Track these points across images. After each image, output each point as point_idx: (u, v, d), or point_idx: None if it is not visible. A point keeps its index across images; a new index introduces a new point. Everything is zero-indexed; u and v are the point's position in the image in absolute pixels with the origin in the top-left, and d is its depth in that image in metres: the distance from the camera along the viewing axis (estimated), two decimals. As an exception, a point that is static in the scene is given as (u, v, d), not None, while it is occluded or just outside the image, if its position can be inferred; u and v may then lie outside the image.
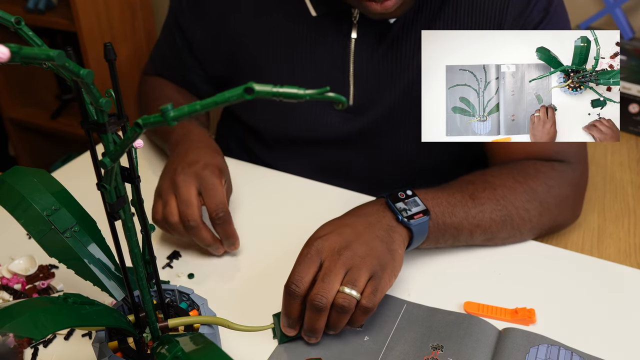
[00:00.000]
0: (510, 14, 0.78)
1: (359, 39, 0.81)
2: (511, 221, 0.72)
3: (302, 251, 0.62)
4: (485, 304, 0.66)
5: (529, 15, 0.78)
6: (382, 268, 0.61)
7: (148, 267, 0.49)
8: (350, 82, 0.84)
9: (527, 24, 0.78)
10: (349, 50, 0.82)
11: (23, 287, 0.68)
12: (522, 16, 0.78)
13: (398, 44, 0.81)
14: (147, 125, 0.32)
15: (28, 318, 0.38)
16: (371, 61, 0.82)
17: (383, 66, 0.82)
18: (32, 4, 1.71)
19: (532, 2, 0.77)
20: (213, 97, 0.31)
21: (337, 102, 0.33)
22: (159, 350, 0.42)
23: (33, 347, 0.61)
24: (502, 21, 0.78)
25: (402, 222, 0.65)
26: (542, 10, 0.78)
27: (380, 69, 0.83)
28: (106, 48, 0.41)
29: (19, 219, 0.50)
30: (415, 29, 0.80)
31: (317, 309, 0.57)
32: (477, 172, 0.77)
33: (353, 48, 0.82)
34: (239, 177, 0.90)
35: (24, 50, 0.30)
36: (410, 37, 0.81)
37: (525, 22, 0.78)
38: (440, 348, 0.60)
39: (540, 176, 0.75)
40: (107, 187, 0.41)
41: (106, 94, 0.41)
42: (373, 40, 0.81)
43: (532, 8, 0.77)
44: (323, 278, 0.58)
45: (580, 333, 0.63)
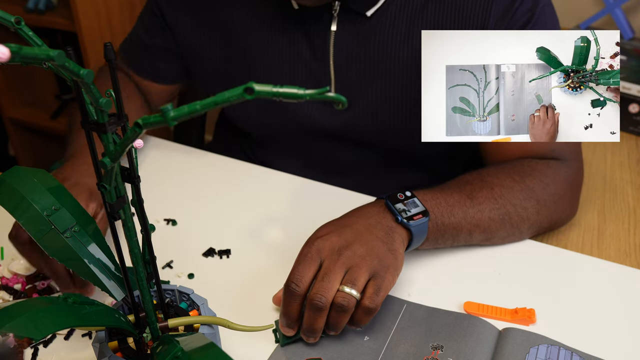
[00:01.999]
0: (493, 13, 0.77)
1: (338, 32, 0.82)
2: (509, 220, 0.73)
3: (302, 251, 0.62)
4: (485, 304, 0.66)
5: (513, 15, 0.77)
6: (384, 268, 0.61)
7: (148, 267, 0.49)
8: (331, 74, 0.84)
9: (511, 24, 0.77)
10: (328, 42, 0.82)
11: (23, 287, 0.69)
12: (506, 16, 0.77)
13: (378, 39, 0.81)
14: (147, 125, 0.32)
15: (28, 318, 0.38)
16: (350, 54, 0.83)
17: (363, 60, 0.83)
18: (32, 4, 1.71)
19: (517, 3, 0.76)
20: (213, 97, 0.31)
21: (337, 102, 0.33)
22: (159, 350, 0.42)
23: (33, 347, 0.61)
24: (486, 21, 0.77)
25: (402, 223, 0.66)
26: (527, 11, 0.77)
27: (359, 63, 0.83)
28: (106, 48, 0.41)
29: (19, 219, 0.50)
30: (397, 25, 0.80)
31: (317, 309, 0.57)
32: (474, 172, 0.77)
33: (333, 40, 0.82)
34: (239, 177, 0.90)
35: (24, 50, 0.30)
36: (392, 32, 0.81)
37: (509, 23, 0.77)
38: (440, 348, 0.60)
39: (536, 174, 0.76)
40: (107, 187, 0.41)
41: (106, 94, 0.41)
42: (352, 33, 0.82)
43: (516, 9, 0.77)
44: (323, 277, 0.58)
45: (580, 333, 0.63)
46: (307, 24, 0.83)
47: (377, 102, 0.84)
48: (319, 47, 0.83)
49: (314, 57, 0.84)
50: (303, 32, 0.84)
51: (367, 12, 0.80)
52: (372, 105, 0.85)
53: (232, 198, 0.85)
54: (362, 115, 0.86)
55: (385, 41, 0.81)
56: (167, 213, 0.81)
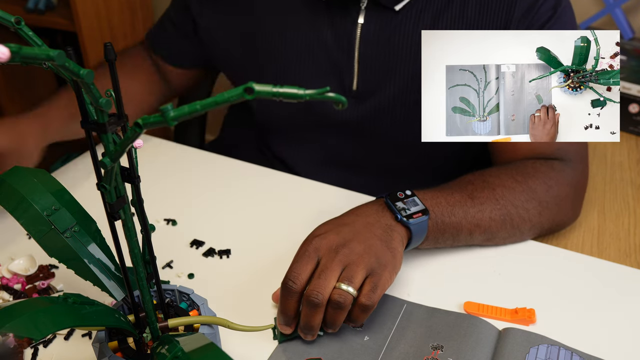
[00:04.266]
0: (518, 10, 0.78)
1: (365, 25, 0.83)
2: (511, 220, 0.72)
3: (300, 249, 0.62)
4: (485, 304, 0.66)
5: (536, 12, 0.78)
6: (381, 266, 0.61)
7: (148, 267, 0.49)
8: (355, 66, 0.85)
9: (534, 21, 0.78)
10: (355, 34, 0.83)
11: (23, 287, 0.68)
12: (530, 13, 0.78)
13: (403, 33, 0.82)
14: (147, 125, 0.32)
15: (28, 318, 0.38)
16: (376, 47, 0.83)
17: (387, 54, 0.83)
18: (32, 4, 1.70)
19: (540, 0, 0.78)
20: (213, 97, 0.31)
21: (336, 102, 0.33)
22: (159, 350, 0.42)
23: (33, 347, 0.61)
24: (510, 18, 0.78)
25: (401, 221, 0.66)
26: (550, 8, 0.78)
27: (384, 56, 0.84)
28: (106, 48, 0.41)
29: (19, 219, 0.50)
30: (423, 19, 0.81)
31: (313, 305, 0.58)
32: (476, 172, 0.77)
33: (359, 33, 0.83)
34: (239, 176, 0.90)
35: (24, 50, 0.30)
36: (417, 26, 0.82)
37: (532, 20, 0.78)
38: (440, 348, 0.60)
39: (539, 176, 0.76)
40: (107, 187, 0.41)
41: (106, 94, 0.41)
42: (379, 26, 0.83)
43: (540, 5, 0.78)
44: (319, 275, 0.59)
45: (580, 333, 0.63)
46: (334, 16, 0.84)
47: (397, 96, 0.85)
48: (344, 39, 0.84)
49: (339, 48, 0.85)
50: (329, 24, 0.85)
51: (396, 7, 0.81)
52: (392, 98, 0.86)
53: (232, 198, 0.85)
54: (382, 108, 0.87)
55: (411, 36, 0.82)
56: (167, 213, 0.81)
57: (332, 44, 0.85)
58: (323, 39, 0.85)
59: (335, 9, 0.84)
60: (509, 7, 0.78)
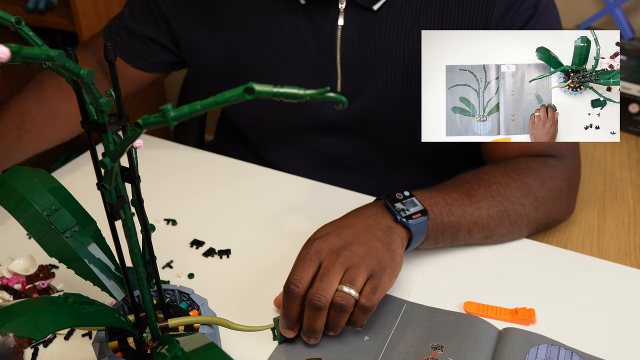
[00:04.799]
0: (497, 9, 0.78)
1: (345, 27, 0.82)
2: (508, 217, 0.73)
3: (301, 252, 0.62)
4: (485, 304, 0.66)
5: (516, 11, 0.78)
6: (382, 268, 0.61)
7: (148, 267, 0.49)
8: (337, 68, 0.84)
9: (514, 20, 0.78)
10: (335, 36, 0.83)
11: (23, 287, 0.68)
12: (510, 12, 0.78)
13: (383, 33, 0.82)
14: (148, 125, 0.32)
15: (28, 318, 0.38)
16: (357, 48, 0.83)
17: (369, 54, 0.83)
18: (32, 4, 1.70)
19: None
20: (213, 97, 0.31)
21: (337, 102, 0.33)
22: (159, 350, 0.42)
23: (33, 347, 0.61)
24: (489, 16, 0.78)
25: (401, 222, 0.66)
26: (530, 6, 0.78)
27: (365, 56, 0.83)
28: (106, 48, 0.41)
29: (19, 219, 0.50)
30: (402, 19, 0.81)
31: (316, 308, 0.58)
32: (471, 171, 0.78)
33: (340, 35, 0.82)
34: (239, 176, 0.90)
35: (24, 50, 0.30)
36: (398, 26, 0.81)
37: (512, 19, 0.78)
38: (440, 348, 0.60)
39: (533, 172, 0.76)
40: (107, 187, 0.41)
41: (106, 94, 0.41)
42: (359, 27, 0.82)
43: (519, 5, 0.78)
44: (322, 278, 0.59)
45: (580, 333, 0.63)
46: (314, 19, 0.83)
47: (382, 94, 0.85)
48: (325, 42, 0.84)
49: (320, 51, 0.84)
50: (309, 27, 0.84)
51: (374, 7, 0.80)
52: (376, 97, 0.85)
53: (232, 198, 0.85)
54: (367, 107, 0.86)
55: (391, 35, 0.82)
56: (167, 213, 0.81)
57: (314, 48, 0.84)
58: (305, 44, 0.85)
59: (315, 12, 0.83)
60: (488, 6, 0.78)
